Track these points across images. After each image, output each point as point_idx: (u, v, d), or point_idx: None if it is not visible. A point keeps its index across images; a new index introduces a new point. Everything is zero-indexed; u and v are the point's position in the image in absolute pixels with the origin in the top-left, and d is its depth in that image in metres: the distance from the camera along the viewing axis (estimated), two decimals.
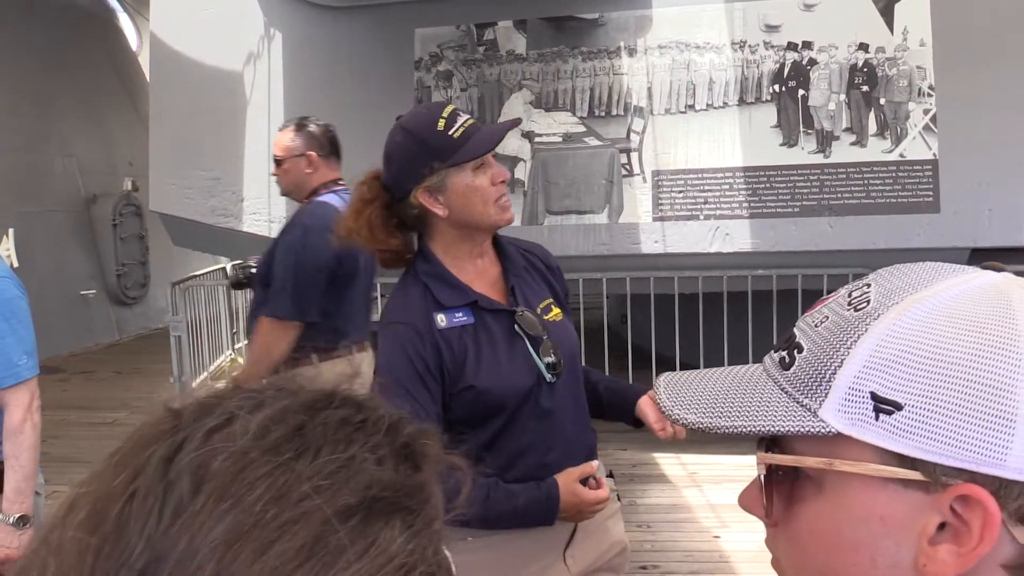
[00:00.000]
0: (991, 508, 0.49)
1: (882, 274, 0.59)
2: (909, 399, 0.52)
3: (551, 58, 6.16)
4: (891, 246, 5.53)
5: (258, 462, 0.43)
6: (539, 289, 1.82)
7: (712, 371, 0.65)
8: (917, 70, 5.69)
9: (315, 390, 0.49)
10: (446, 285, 1.70)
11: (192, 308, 6.83)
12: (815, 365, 0.56)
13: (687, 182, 5.94)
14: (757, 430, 0.57)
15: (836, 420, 0.54)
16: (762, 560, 2.58)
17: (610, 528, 1.89)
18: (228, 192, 6.52)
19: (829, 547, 0.57)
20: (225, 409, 0.46)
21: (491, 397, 1.66)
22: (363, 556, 0.42)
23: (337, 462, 0.44)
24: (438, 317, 1.67)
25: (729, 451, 5.09)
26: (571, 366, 1.79)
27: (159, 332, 9.25)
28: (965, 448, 0.50)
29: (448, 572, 0.48)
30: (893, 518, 0.53)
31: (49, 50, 9.41)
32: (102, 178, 10.12)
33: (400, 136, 1.73)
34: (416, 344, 1.64)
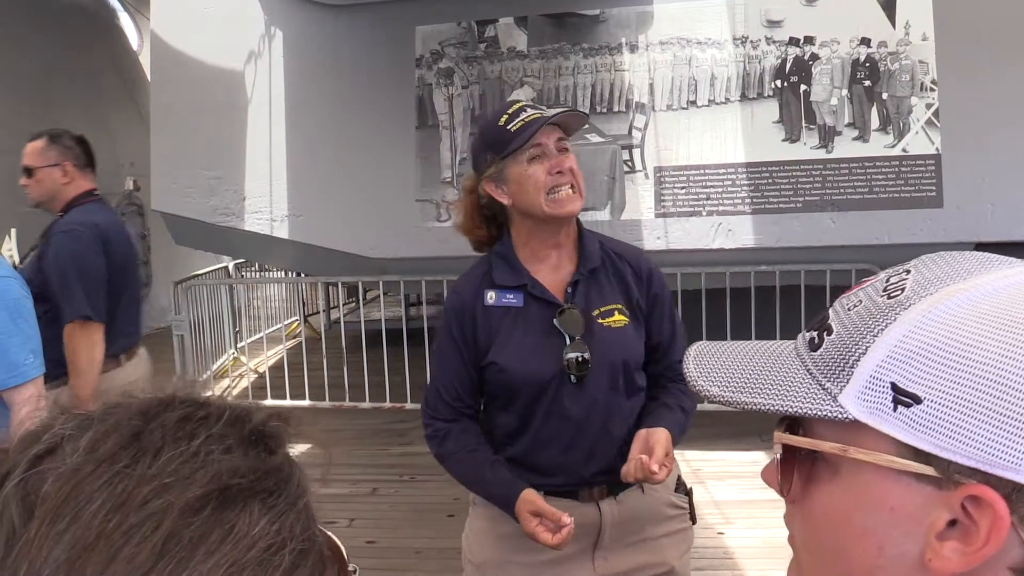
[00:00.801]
0: (1000, 511, 0.49)
1: (924, 261, 0.57)
2: (929, 393, 0.51)
3: (552, 55, 6.15)
4: (894, 241, 5.52)
5: (92, 475, 0.41)
6: (608, 293, 1.81)
7: (743, 344, 0.65)
8: (920, 64, 5.67)
9: (150, 397, 0.47)
10: (507, 265, 1.81)
11: (195, 307, 6.84)
12: (841, 350, 0.56)
13: (689, 178, 5.93)
14: (776, 408, 0.57)
15: (855, 407, 0.54)
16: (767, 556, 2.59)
17: (664, 547, 1.84)
18: (230, 191, 6.52)
19: (839, 531, 0.57)
20: (53, 434, 0.44)
21: (510, 378, 1.75)
22: (223, 543, 0.41)
23: (180, 458, 0.43)
24: (488, 294, 1.80)
25: (733, 448, 5.09)
26: (609, 373, 1.76)
27: (162, 331, 9.26)
28: (980, 448, 0.49)
29: (330, 548, 0.47)
30: (903, 510, 0.53)
31: (50, 50, 9.41)
32: (104, 178, 9.99)
33: (475, 132, 1.86)
34: (458, 313, 1.81)
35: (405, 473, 4.85)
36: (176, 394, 0.48)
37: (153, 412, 0.46)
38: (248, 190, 6.50)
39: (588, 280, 1.81)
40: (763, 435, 5.26)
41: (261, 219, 6.47)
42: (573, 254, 1.84)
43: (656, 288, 1.86)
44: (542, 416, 1.76)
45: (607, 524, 1.80)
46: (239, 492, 0.43)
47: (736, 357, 0.63)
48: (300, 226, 6.41)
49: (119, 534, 0.39)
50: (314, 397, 6.20)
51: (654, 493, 1.84)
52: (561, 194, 1.75)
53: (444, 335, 1.84)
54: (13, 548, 0.39)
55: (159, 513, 0.40)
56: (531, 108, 1.79)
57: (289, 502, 0.45)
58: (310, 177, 6.38)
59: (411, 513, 4.18)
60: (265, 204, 6.46)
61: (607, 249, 1.88)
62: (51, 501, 0.40)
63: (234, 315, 7.85)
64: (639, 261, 1.89)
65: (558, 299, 1.78)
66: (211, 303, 7.32)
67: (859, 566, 0.56)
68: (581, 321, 1.75)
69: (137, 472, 0.42)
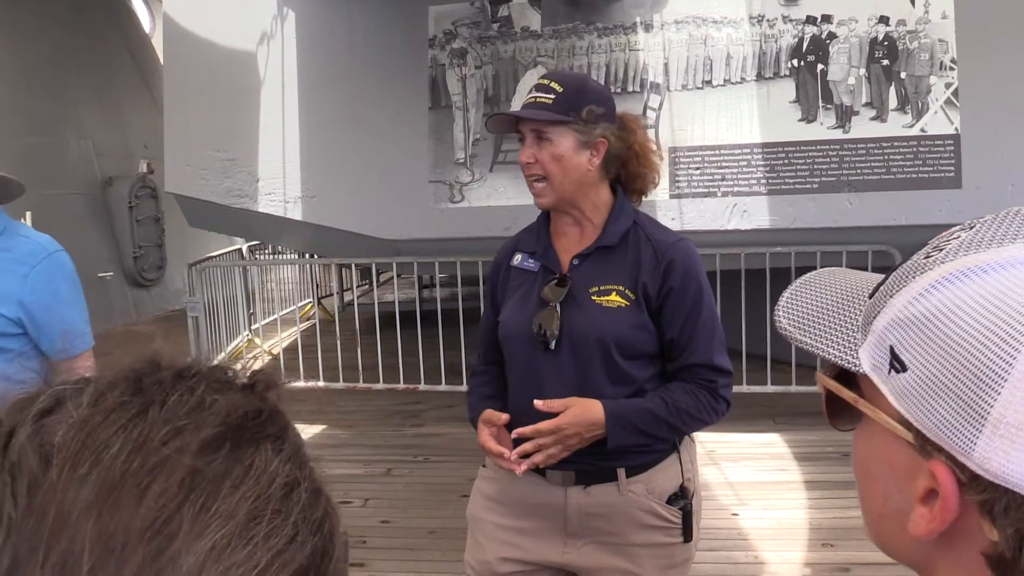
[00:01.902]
0: (946, 492, 0.49)
1: (994, 218, 0.54)
2: (913, 363, 0.51)
3: (566, 34, 6.10)
4: (912, 222, 5.47)
5: (104, 424, 0.41)
6: (614, 272, 1.77)
7: (849, 276, 0.65)
8: (939, 43, 5.59)
9: (136, 361, 0.47)
10: (533, 232, 1.92)
11: (209, 289, 6.86)
12: (876, 302, 0.56)
13: (704, 159, 5.88)
14: (812, 348, 0.59)
15: (865, 362, 0.55)
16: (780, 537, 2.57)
17: (639, 556, 1.77)
18: (243, 173, 6.52)
19: (863, 474, 0.60)
20: (50, 394, 0.43)
21: (502, 329, 1.86)
22: (245, 478, 0.42)
23: (188, 404, 0.43)
24: (516, 256, 1.91)
25: (747, 430, 5.08)
26: (582, 349, 1.74)
27: (176, 314, 9.31)
28: (942, 428, 0.49)
29: (330, 501, 0.48)
30: (898, 468, 0.54)
31: (63, 34, 9.42)
32: (118, 161, 10.15)
33: None
34: (494, 268, 1.96)
35: (419, 454, 4.87)
36: (158, 357, 0.48)
37: (146, 370, 0.46)
38: (261, 172, 6.50)
39: (597, 256, 1.80)
40: (777, 418, 5.25)
41: (274, 200, 6.48)
42: (600, 230, 1.84)
43: (673, 282, 1.75)
44: (522, 379, 1.81)
45: (572, 511, 1.77)
46: (250, 433, 0.44)
47: (828, 290, 0.64)
48: (313, 207, 6.41)
49: (144, 472, 0.40)
50: (328, 379, 6.22)
51: (633, 496, 1.77)
52: (534, 187, 1.80)
53: (486, 290, 2.01)
54: (37, 493, 0.39)
55: (179, 452, 0.41)
56: (536, 91, 1.79)
57: (294, 446, 0.47)
58: (323, 158, 6.37)
59: (425, 493, 4.20)
60: (278, 186, 6.46)
61: (640, 229, 1.82)
62: (68, 448, 0.40)
63: (248, 297, 7.87)
64: (665, 250, 1.78)
65: (560, 269, 1.82)
66: (225, 285, 7.34)
67: (874, 510, 0.59)
68: (561, 292, 1.77)
69: (149, 418, 0.42)
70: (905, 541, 0.55)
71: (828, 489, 4.07)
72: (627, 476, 1.77)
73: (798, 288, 0.65)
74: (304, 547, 0.43)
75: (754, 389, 5.57)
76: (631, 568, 1.77)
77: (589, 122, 1.76)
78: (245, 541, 0.40)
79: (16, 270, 2.12)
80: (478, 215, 6.05)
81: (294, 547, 0.42)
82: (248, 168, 6.53)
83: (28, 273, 2.13)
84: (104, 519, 0.38)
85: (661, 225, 1.90)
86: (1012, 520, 0.47)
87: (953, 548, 0.52)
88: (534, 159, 1.77)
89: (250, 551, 0.40)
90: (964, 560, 0.51)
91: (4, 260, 2.12)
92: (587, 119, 1.75)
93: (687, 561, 1.86)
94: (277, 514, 0.42)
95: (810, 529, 3.73)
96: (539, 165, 1.76)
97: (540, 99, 1.75)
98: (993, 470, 0.47)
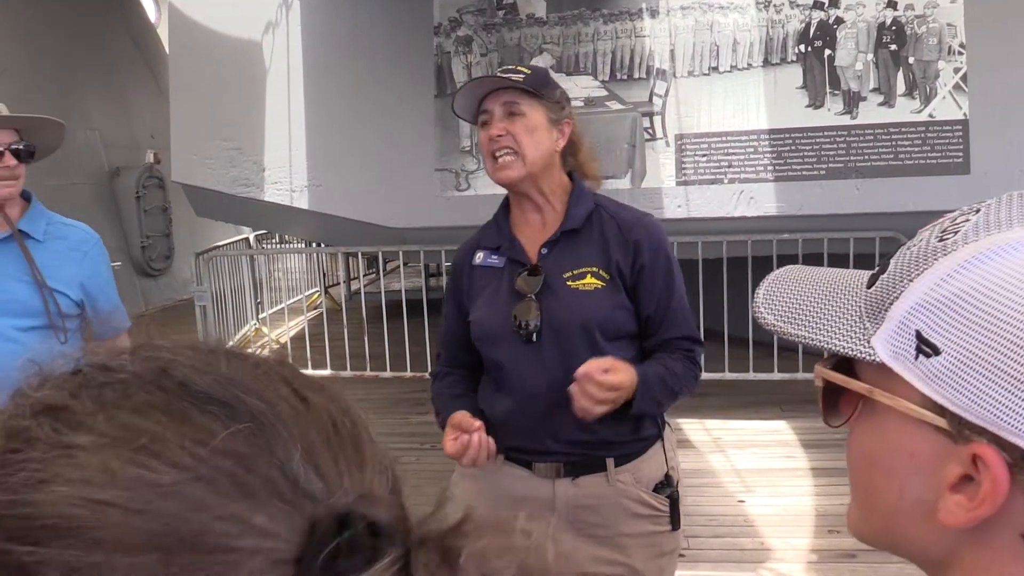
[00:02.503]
0: (998, 474, 0.48)
1: (1001, 200, 0.54)
2: (948, 346, 0.50)
3: (571, 21, 6.07)
4: (919, 208, 5.44)
5: (149, 395, 0.41)
6: (585, 255, 1.75)
7: (821, 272, 0.65)
8: (947, 27, 5.54)
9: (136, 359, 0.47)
10: (495, 228, 1.88)
11: (216, 278, 6.89)
12: (884, 290, 0.55)
13: (711, 145, 5.86)
14: (816, 342, 0.58)
15: (883, 351, 0.54)
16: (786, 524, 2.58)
17: (627, 547, 1.75)
18: (249, 162, 6.53)
19: (870, 469, 0.58)
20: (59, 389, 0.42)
21: (476, 333, 1.81)
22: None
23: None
24: (478, 255, 1.86)
25: (753, 416, 5.08)
26: (565, 336, 1.71)
27: (184, 303, 9.35)
28: (988, 409, 0.48)
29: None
30: (921, 457, 0.53)
31: (69, 24, 9.42)
32: (124, 151, 10.17)
33: None
34: (456, 269, 1.92)
35: (426, 441, 4.88)
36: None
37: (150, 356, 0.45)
38: (267, 161, 6.50)
39: (565, 242, 1.77)
40: (783, 405, 5.25)
41: (280, 190, 6.48)
42: (560, 216, 1.81)
43: (644, 259, 1.75)
44: (503, 375, 1.77)
45: (560, 505, 1.74)
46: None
47: (806, 285, 0.62)
48: (319, 196, 6.41)
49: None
50: (335, 367, 6.24)
51: (621, 486, 1.75)
52: (499, 161, 1.75)
53: (446, 291, 1.96)
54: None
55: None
56: (503, 73, 1.79)
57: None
58: (329, 147, 6.37)
59: (432, 480, 4.21)
60: (284, 174, 6.47)
61: (602, 210, 1.81)
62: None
63: (255, 286, 7.90)
64: (632, 228, 1.77)
65: (529, 260, 1.78)
66: (232, 274, 7.37)
67: (884, 505, 0.57)
68: (536, 282, 1.74)
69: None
70: (923, 534, 0.54)
71: (835, 476, 4.07)
72: (616, 466, 1.75)
73: (775, 284, 0.64)
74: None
75: (760, 376, 5.57)
76: (621, 559, 1.75)
77: (557, 102, 1.80)
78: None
79: (74, 256, 2.31)
80: (484, 203, 6.02)
81: None
82: (254, 157, 6.53)
83: (83, 259, 2.33)
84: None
85: (623, 204, 1.88)
86: None
87: (987, 533, 0.50)
88: (505, 131, 1.73)
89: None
90: (996, 545, 0.50)
91: (63, 248, 2.29)
92: (558, 99, 1.80)
93: (675, 550, 1.85)
94: None
95: (816, 516, 3.74)
96: (510, 137, 1.73)
97: (511, 77, 1.75)
98: None
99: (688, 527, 3.71)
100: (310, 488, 0.39)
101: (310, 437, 0.41)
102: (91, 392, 0.40)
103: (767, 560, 3.40)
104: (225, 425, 0.39)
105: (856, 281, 0.60)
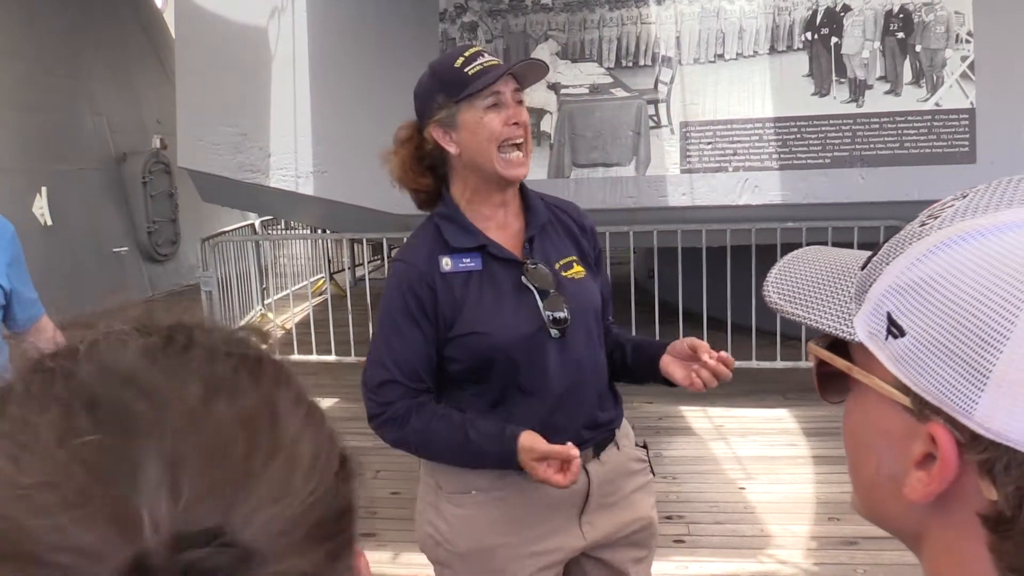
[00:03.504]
0: (946, 452, 0.50)
1: (989, 186, 0.55)
2: (911, 327, 0.52)
3: (577, 7, 6.06)
4: (924, 198, 5.41)
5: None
6: (562, 246, 1.76)
7: (834, 253, 0.66)
8: (955, 15, 5.52)
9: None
10: (457, 227, 1.69)
11: (222, 264, 6.91)
12: (870, 272, 0.57)
13: (716, 133, 5.85)
14: (805, 320, 0.60)
15: (861, 330, 0.56)
16: (786, 511, 2.61)
17: (636, 502, 1.82)
18: (255, 148, 6.54)
19: (854, 444, 0.61)
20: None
21: (492, 343, 1.64)
22: (295, 377, 0.46)
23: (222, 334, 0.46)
24: (443, 260, 1.67)
25: (755, 404, 5.10)
26: (584, 326, 1.72)
27: (190, 288, 9.39)
28: (940, 389, 0.50)
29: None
30: (894, 435, 0.55)
31: (76, 10, 9.42)
32: (131, 136, 10.19)
33: (424, 74, 1.74)
34: (412, 283, 1.66)
35: None
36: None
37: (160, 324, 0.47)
38: (273, 146, 6.51)
39: (541, 235, 1.75)
40: (786, 393, 5.26)
41: (286, 175, 6.50)
42: (518, 211, 1.76)
43: (598, 244, 1.85)
44: (525, 380, 1.67)
45: (594, 487, 1.75)
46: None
47: (814, 265, 0.65)
48: (325, 182, 6.42)
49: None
50: (340, 353, 6.27)
51: (625, 449, 1.82)
52: (512, 156, 1.65)
53: (395, 309, 1.67)
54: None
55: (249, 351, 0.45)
56: (489, 55, 1.69)
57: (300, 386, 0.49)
58: (335, 133, 6.38)
59: None
60: (290, 160, 6.48)
61: (548, 204, 1.81)
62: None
63: (261, 272, 7.92)
64: (580, 215, 1.84)
65: (518, 256, 1.69)
66: (238, 260, 7.39)
67: (865, 479, 0.60)
68: (550, 275, 1.68)
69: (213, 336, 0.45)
70: (897, 509, 0.56)
71: (836, 464, 4.09)
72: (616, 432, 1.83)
73: (787, 264, 0.67)
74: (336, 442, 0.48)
75: (763, 365, 5.58)
76: (633, 516, 1.81)
77: None
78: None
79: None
80: None
81: (334, 442, 0.47)
82: (260, 143, 6.54)
83: (6, 247, 2.21)
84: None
85: (548, 194, 1.88)
86: (1013, 478, 0.48)
87: (947, 511, 0.52)
88: (524, 121, 1.66)
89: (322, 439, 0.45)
90: (957, 522, 0.52)
91: None
92: None
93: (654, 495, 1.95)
94: (322, 419, 0.46)
95: (817, 503, 3.76)
96: (523, 128, 1.66)
97: (499, 64, 1.68)
98: (995, 428, 0.47)
99: (689, 513, 3.74)
100: (155, 512, 0.35)
101: (185, 451, 0.37)
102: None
103: (767, 547, 3.43)
104: (95, 429, 0.37)
105: (856, 262, 0.62)
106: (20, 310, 2.27)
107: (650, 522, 1.85)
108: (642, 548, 1.85)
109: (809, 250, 0.68)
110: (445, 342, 1.67)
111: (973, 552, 0.51)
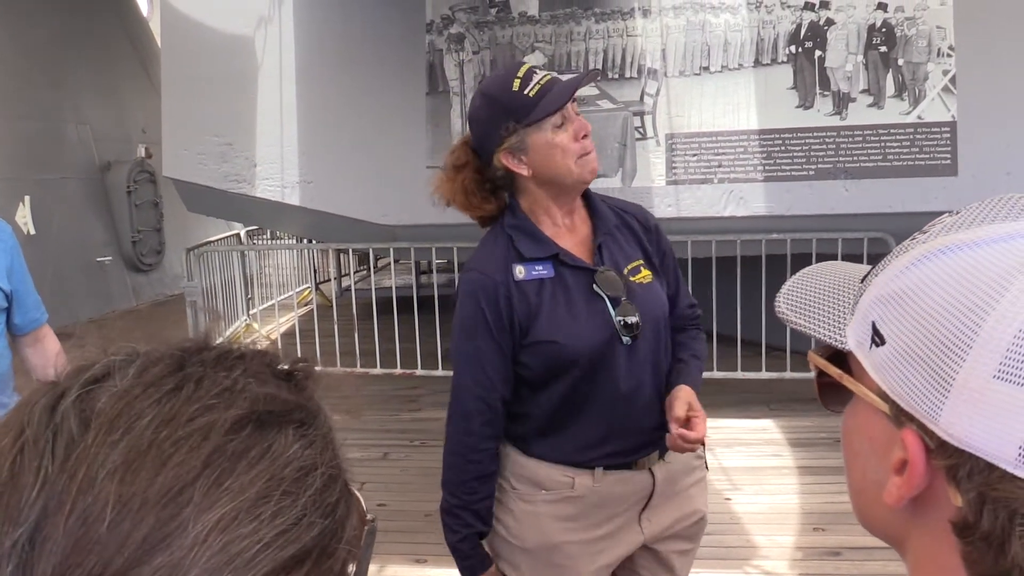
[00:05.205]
0: (914, 457, 0.51)
1: (981, 203, 0.56)
2: (890, 336, 0.54)
3: (564, 20, 6.09)
4: (907, 209, 5.48)
5: (142, 396, 0.45)
6: (629, 250, 1.78)
7: (842, 267, 0.68)
8: (937, 30, 5.58)
9: (185, 339, 0.52)
10: (529, 237, 1.71)
11: (207, 274, 6.88)
12: (865, 284, 0.59)
13: (701, 145, 5.89)
14: (804, 328, 0.62)
15: (851, 339, 0.58)
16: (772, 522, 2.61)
17: (694, 496, 1.86)
18: (241, 158, 6.52)
19: (847, 449, 0.62)
20: (102, 364, 0.48)
21: (564, 351, 1.66)
22: (262, 459, 0.45)
23: (221, 385, 0.47)
24: (517, 268, 1.69)
25: (740, 415, 5.11)
26: (653, 330, 1.74)
27: (175, 298, 9.34)
28: (910, 396, 0.52)
29: (347, 486, 0.51)
30: (877, 441, 0.56)
31: (61, 18, 9.39)
32: (116, 145, 10.14)
33: (479, 100, 1.73)
34: (489, 292, 1.67)
35: (415, 438, 4.90)
36: (209, 337, 0.52)
37: (193, 349, 0.50)
38: (259, 156, 6.50)
39: (609, 241, 1.77)
40: (771, 404, 5.28)
41: (272, 186, 6.48)
42: (585, 216, 1.79)
43: (664, 244, 1.86)
44: (594, 385, 1.70)
45: (659, 488, 1.79)
46: (275, 418, 0.48)
47: (825, 278, 0.66)
48: (311, 192, 6.41)
49: (169, 443, 0.43)
50: (326, 363, 6.24)
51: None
52: (589, 158, 1.71)
53: (474, 324, 1.68)
54: (72, 454, 0.43)
55: (204, 429, 0.45)
56: (539, 69, 1.71)
57: (319, 433, 0.50)
58: (321, 143, 6.37)
59: (421, 477, 4.23)
60: (276, 170, 6.47)
61: (612, 207, 1.84)
62: (106, 415, 0.44)
63: (246, 282, 7.89)
64: (645, 216, 1.87)
65: (589, 263, 1.72)
66: (223, 270, 7.36)
67: (855, 484, 0.61)
68: (619, 281, 1.70)
69: (183, 395, 0.46)
70: (882, 513, 0.57)
71: (821, 474, 4.11)
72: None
73: (799, 277, 0.68)
74: (312, 528, 0.46)
75: (749, 375, 5.60)
76: (689, 510, 1.85)
77: None
78: (252, 517, 0.43)
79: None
80: None
81: (300, 528, 0.45)
82: (246, 153, 6.53)
83: (5, 249, 2.21)
84: (126, 482, 0.42)
85: (612, 197, 1.93)
86: (975, 484, 0.49)
87: (924, 517, 0.54)
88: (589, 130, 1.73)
89: (255, 527, 0.43)
90: (933, 529, 0.53)
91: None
92: None
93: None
94: (287, 495, 0.45)
95: (802, 514, 3.77)
96: (589, 137, 1.73)
97: (551, 77, 1.71)
98: (957, 435, 0.49)
99: None
100: None
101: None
102: None
103: (752, 558, 3.43)
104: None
105: (861, 275, 0.64)
106: (20, 314, 2.26)
107: (702, 516, 1.89)
108: (690, 541, 1.89)
109: (823, 265, 0.70)
110: (520, 348, 1.70)
111: (948, 559, 0.52)
